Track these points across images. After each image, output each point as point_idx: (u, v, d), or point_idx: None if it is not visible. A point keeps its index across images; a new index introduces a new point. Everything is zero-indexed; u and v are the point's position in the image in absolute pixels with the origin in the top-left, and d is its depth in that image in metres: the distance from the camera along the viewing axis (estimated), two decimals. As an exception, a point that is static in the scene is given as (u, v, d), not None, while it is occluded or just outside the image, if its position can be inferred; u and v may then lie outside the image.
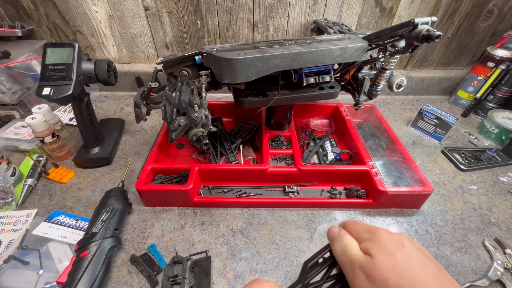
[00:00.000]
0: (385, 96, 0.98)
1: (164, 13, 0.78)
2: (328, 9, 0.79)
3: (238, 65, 0.43)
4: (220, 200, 0.55)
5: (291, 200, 0.56)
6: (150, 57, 0.88)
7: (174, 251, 0.48)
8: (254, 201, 0.56)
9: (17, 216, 0.52)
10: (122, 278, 0.44)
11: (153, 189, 0.52)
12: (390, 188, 0.53)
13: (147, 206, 0.55)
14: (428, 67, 0.95)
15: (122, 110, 0.85)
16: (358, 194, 0.56)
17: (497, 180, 0.65)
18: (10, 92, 0.68)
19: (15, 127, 0.68)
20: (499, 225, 0.55)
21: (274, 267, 0.46)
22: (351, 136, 0.65)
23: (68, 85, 0.52)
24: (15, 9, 0.77)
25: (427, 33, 0.38)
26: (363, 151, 0.61)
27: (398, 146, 0.64)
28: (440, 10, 0.81)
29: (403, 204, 0.56)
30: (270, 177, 0.58)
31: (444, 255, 0.49)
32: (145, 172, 0.54)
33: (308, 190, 0.59)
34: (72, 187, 0.59)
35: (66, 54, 0.53)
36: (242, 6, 0.77)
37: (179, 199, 0.54)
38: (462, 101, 0.92)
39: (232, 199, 0.56)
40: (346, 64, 0.56)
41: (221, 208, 0.55)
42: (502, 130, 0.75)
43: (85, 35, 0.83)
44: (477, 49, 0.91)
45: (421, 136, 0.79)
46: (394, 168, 0.61)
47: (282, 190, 0.58)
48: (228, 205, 0.56)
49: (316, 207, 0.56)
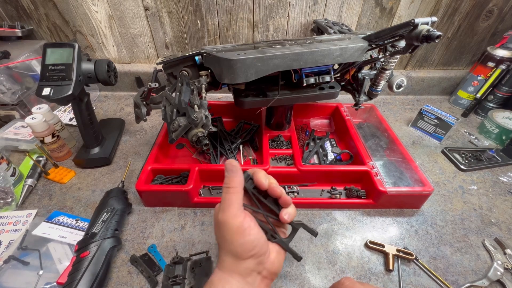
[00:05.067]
0: (385, 96, 0.98)
1: (164, 13, 0.78)
2: (328, 9, 0.79)
3: (238, 65, 0.43)
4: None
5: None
6: (150, 57, 0.88)
7: (174, 251, 0.47)
8: None
9: (17, 216, 0.52)
10: (122, 279, 0.44)
11: (153, 189, 0.52)
12: (390, 188, 0.53)
13: (147, 207, 0.55)
14: (428, 67, 0.95)
15: (122, 110, 0.85)
16: (358, 194, 0.56)
17: (497, 180, 0.65)
18: (10, 92, 0.68)
19: (15, 127, 0.68)
20: (499, 225, 0.55)
21: (274, 267, 0.46)
22: (351, 136, 0.65)
23: (68, 85, 0.52)
24: (15, 9, 0.77)
25: (427, 33, 0.38)
26: (363, 151, 0.61)
27: (398, 146, 0.64)
28: (440, 10, 0.81)
29: (403, 204, 0.56)
30: None
31: (444, 255, 0.49)
32: (145, 172, 0.54)
33: (308, 190, 0.59)
34: (72, 187, 0.59)
35: (66, 54, 0.52)
36: (242, 6, 0.77)
37: (179, 199, 0.54)
38: (462, 101, 0.92)
39: None
40: (346, 64, 0.56)
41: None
42: (502, 130, 0.75)
43: (85, 35, 0.82)
44: (477, 49, 0.91)
45: (421, 136, 0.79)
46: (394, 168, 0.61)
47: None
48: None
49: (316, 207, 0.56)
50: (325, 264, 0.47)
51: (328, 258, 0.48)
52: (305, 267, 0.46)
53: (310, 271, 0.46)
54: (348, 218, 0.55)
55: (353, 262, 0.47)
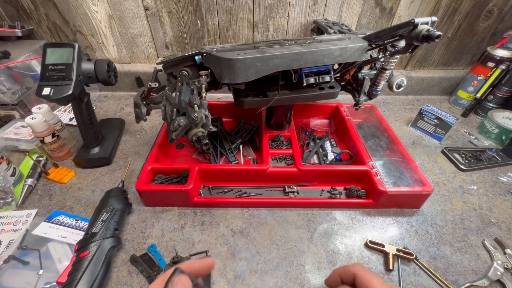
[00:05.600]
0: (385, 96, 0.98)
1: (164, 13, 0.78)
2: (328, 9, 0.79)
3: (238, 65, 0.43)
4: (220, 200, 0.55)
5: (291, 200, 0.56)
6: (150, 57, 0.88)
7: (174, 251, 0.47)
8: (254, 201, 0.56)
9: (17, 216, 0.52)
10: (122, 278, 0.44)
11: (153, 189, 0.52)
12: (390, 188, 0.53)
13: (147, 206, 0.55)
14: (428, 67, 0.95)
15: (122, 110, 0.85)
16: (358, 194, 0.56)
17: (497, 180, 0.65)
18: (10, 92, 0.68)
19: (15, 127, 0.68)
20: (499, 225, 0.55)
21: (274, 267, 0.46)
22: (351, 136, 0.65)
23: (68, 85, 0.52)
24: (15, 9, 0.77)
25: (427, 33, 0.38)
26: (363, 151, 0.61)
27: (398, 146, 0.64)
28: (440, 10, 0.81)
29: (403, 204, 0.56)
30: (270, 177, 0.58)
31: (444, 255, 0.49)
32: (145, 172, 0.54)
33: (308, 190, 0.59)
34: (72, 187, 0.59)
35: (66, 54, 0.52)
36: (242, 6, 0.77)
37: (179, 199, 0.54)
38: (462, 101, 0.92)
39: (232, 199, 0.55)
40: (346, 64, 0.56)
41: (221, 208, 0.55)
42: (502, 130, 0.75)
43: (85, 35, 0.82)
44: (477, 49, 0.91)
45: (421, 136, 0.79)
46: (394, 168, 0.61)
47: (282, 190, 0.58)
48: (228, 205, 0.56)
49: (316, 207, 0.56)
50: (325, 264, 0.47)
51: (328, 258, 0.48)
52: (305, 267, 0.46)
53: (310, 271, 0.46)
54: (348, 218, 0.55)
55: (353, 262, 0.47)
